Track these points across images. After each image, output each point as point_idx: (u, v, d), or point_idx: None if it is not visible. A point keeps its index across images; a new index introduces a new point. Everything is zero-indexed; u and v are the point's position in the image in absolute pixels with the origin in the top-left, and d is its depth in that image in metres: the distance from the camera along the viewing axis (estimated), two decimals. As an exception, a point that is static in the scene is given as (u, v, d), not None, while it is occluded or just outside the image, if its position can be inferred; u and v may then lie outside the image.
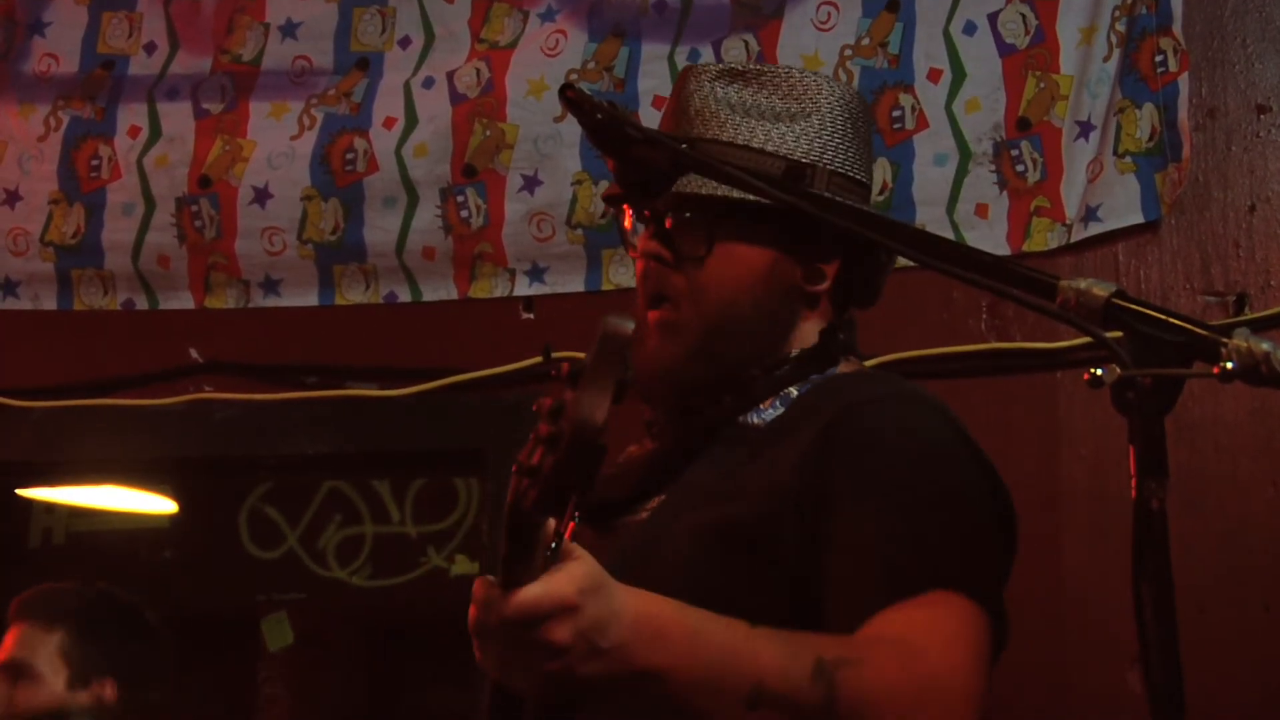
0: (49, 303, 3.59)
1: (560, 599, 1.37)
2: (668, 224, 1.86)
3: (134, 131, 3.58)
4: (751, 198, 1.75)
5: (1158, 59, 3.04)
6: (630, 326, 1.32)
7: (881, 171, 3.13)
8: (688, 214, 1.84)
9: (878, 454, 1.68)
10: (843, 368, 1.87)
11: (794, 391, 1.83)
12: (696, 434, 1.84)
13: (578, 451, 1.30)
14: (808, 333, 1.87)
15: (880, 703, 1.51)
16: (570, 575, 1.38)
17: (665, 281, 1.87)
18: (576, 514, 1.36)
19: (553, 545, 1.38)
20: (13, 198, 3.61)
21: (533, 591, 1.37)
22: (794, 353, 1.84)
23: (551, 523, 1.38)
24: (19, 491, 4.16)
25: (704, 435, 1.84)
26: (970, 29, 3.18)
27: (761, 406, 1.83)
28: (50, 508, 5.59)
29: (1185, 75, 3.03)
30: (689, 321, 1.85)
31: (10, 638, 3.01)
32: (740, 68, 1.90)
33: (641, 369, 1.79)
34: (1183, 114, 3.02)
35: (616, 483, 1.87)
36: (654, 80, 3.33)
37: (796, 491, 1.68)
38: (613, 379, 1.32)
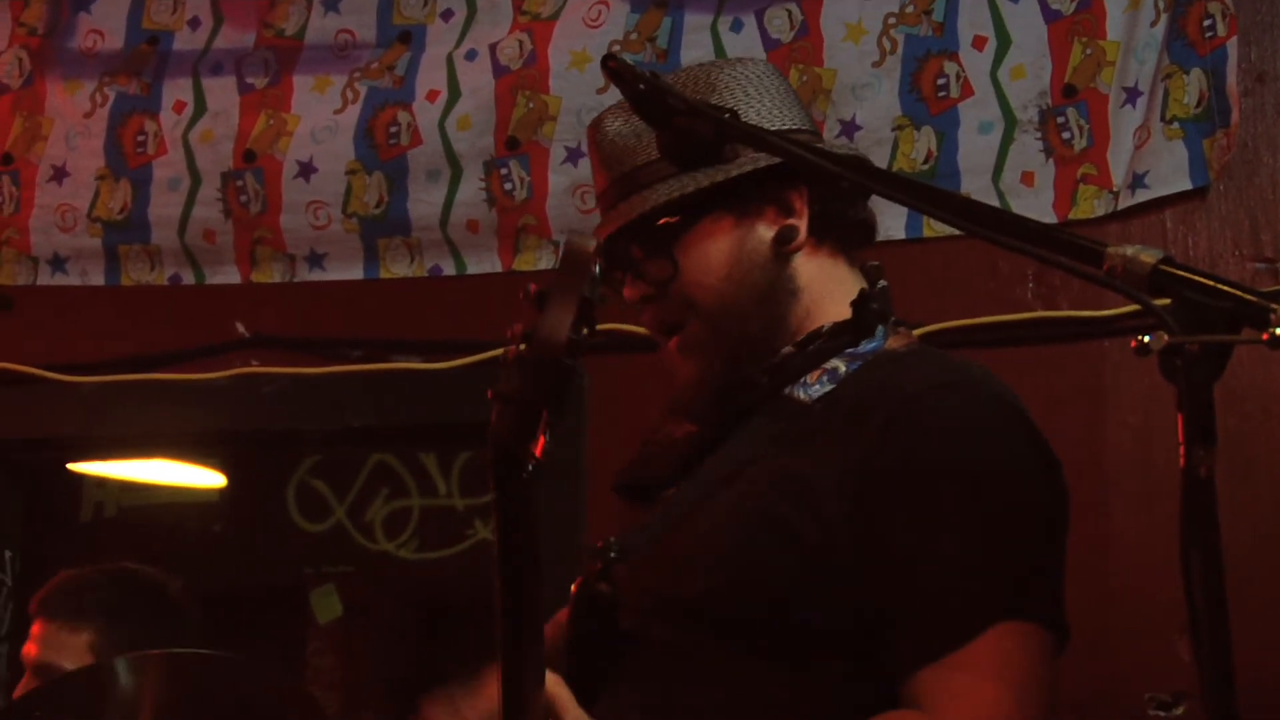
0: (97, 278, 3.62)
1: None
2: (635, 263, 1.89)
3: (179, 107, 3.60)
4: (662, 202, 1.80)
5: (1205, 23, 3.01)
6: (593, 244, 1.33)
7: (926, 140, 3.11)
8: (634, 247, 1.87)
9: (938, 463, 1.66)
10: (892, 342, 1.84)
11: (842, 367, 1.81)
12: (739, 412, 1.84)
13: (542, 370, 1.32)
14: (822, 293, 1.85)
15: None
16: None
17: (662, 313, 1.90)
18: (546, 432, 1.43)
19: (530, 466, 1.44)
20: (60, 174, 3.64)
21: None
22: (825, 326, 1.83)
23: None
24: (70, 466, 4.19)
25: (746, 413, 1.84)
26: (1015, -5, 3.16)
27: (808, 380, 1.81)
28: (101, 482, 5.64)
29: (1234, 39, 3.00)
30: (698, 333, 1.87)
31: (36, 636, 2.96)
32: (618, 104, 1.94)
33: (684, 394, 1.88)
34: (1231, 79, 2.99)
35: (658, 461, 1.87)
36: (697, 51, 3.32)
37: (853, 490, 1.67)
38: (576, 297, 1.33)
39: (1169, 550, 1.30)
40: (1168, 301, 1.32)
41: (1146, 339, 1.28)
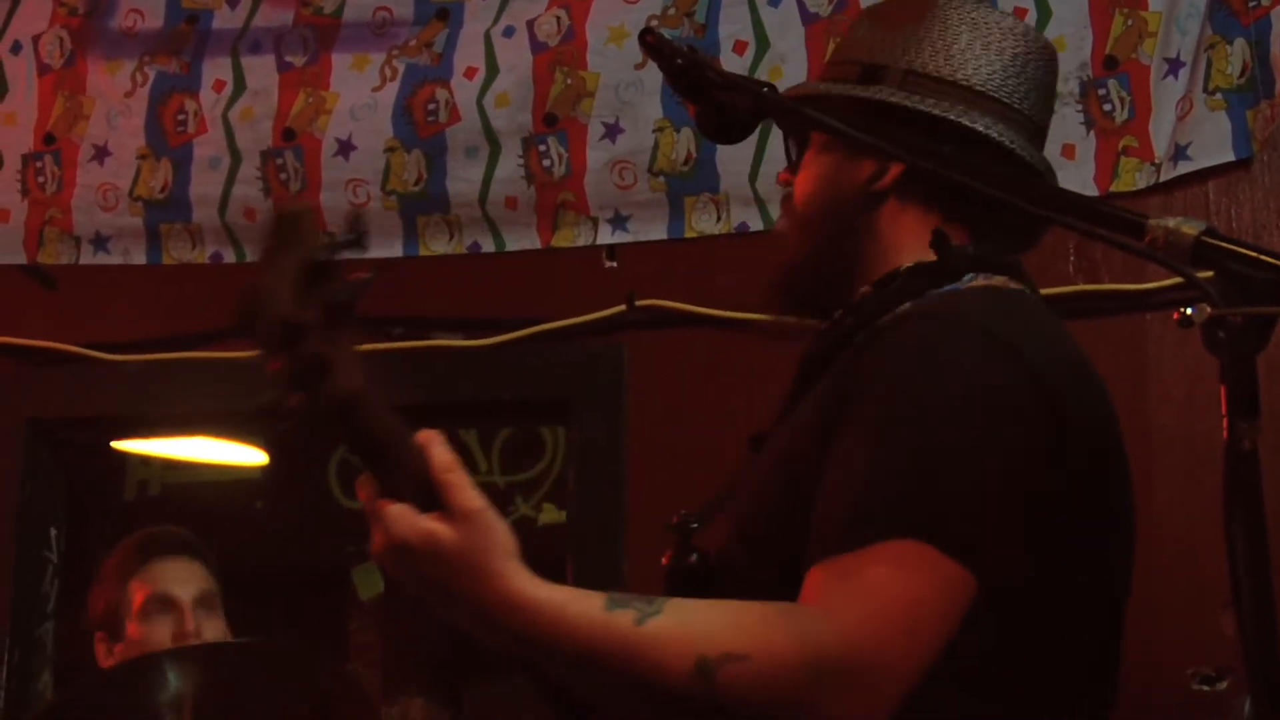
0: (139, 257, 3.64)
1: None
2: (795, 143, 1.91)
3: (219, 85, 3.61)
4: (798, 96, 1.81)
5: (1249, -7, 2.99)
6: (302, 209, 1.41)
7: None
8: (791, 133, 1.90)
9: (882, 377, 1.59)
10: (975, 284, 1.75)
11: (909, 308, 1.74)
12: (822, 354, 1.79)
13: (264, 332, 1.40)
14: (900, 241, 1.79)
15: (770, 698, 1.45)
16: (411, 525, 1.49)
17: (786, 195, 1.91)
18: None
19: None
20: (102, 153, 3.65)
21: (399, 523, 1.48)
22: (904, 267, 1.77)
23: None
24: (114, 445, 4.22)
25: (831, 356, 1.77)
26: (1056, -33, 3.14)
27: (879, 322, 1.74)
28: (145, 460, 5.68)
29: (1278, 9, 2.97)
30: (787, 232, 1.88)
31: (187, 574, 3.09)
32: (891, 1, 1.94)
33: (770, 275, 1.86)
34: (1275, 48, 2.97)
35: (771, 411, 1.86)
36: (735, 26, 3.31)
37: (820, 422, 1.63)
38: (293, 258, 1.40)
39: (1213, 524, 1.29)
40: (1210, 274, 1.31)
41: (1189, 311, 1.27)
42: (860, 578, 1.50)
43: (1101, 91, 3.09)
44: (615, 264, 3.37)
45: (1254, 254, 1.30)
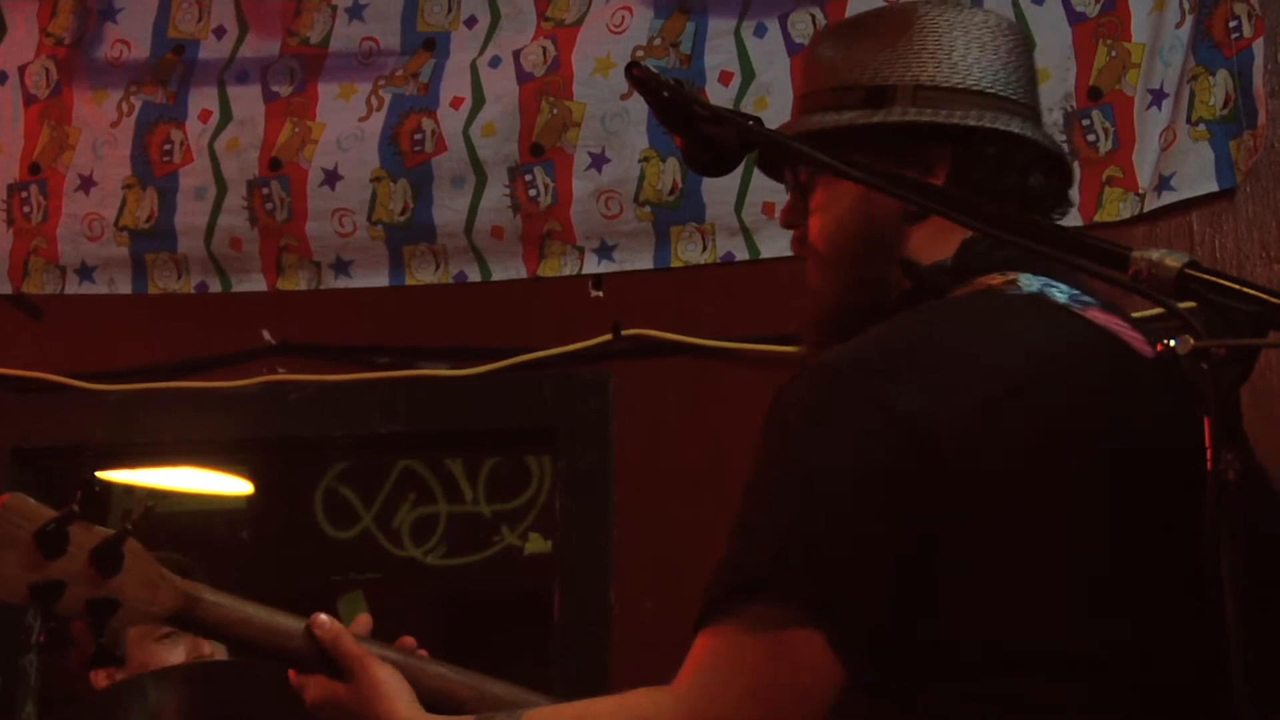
0: (124, 286, 3.63)
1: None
2: (788, 184, 1.86)
3: (205, 115, 3.61)
4: (805, 131, 1.76)
5: (1231, 24, 3.00)
6: (17, 495, 1.68)
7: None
8: (789, 169, 1.85)
9: (758, 446, 1.59)
10: (959, 292, 1.72)
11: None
12: None
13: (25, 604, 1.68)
14: (940, 250, 1.74)
15: None
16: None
17: (796, 241, 1.86)
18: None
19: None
20: (87, 183, 3.65)
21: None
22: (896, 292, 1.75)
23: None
24: (98, 474, 4.21)
25: None
26: (1040, -2, 3.16)
27: None
28: (129, 489, 5.66)
29: (1260, 40, 2.99)
30: (810, 271, 1.83)
31: None
32: (853, 19, 1.92)
33: (805, 322, 1.83)
34: (1258, 80, 2.98)
35: None
36: (721, 56, 3.32)
37: None
38: (22, 540, 1.66)
39: (1197, 554, 1.29)
40: (1194, 305, 1.31)
41: (1172, 343, 1.27)
42: (706, 649, 1.52)
43: (1085, 122, 3.10)
44: (601, 293, 3.38)
45: (1237, 286, 1.30)
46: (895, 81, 1.77)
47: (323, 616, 1.86)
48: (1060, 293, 1.70)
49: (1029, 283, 1.70)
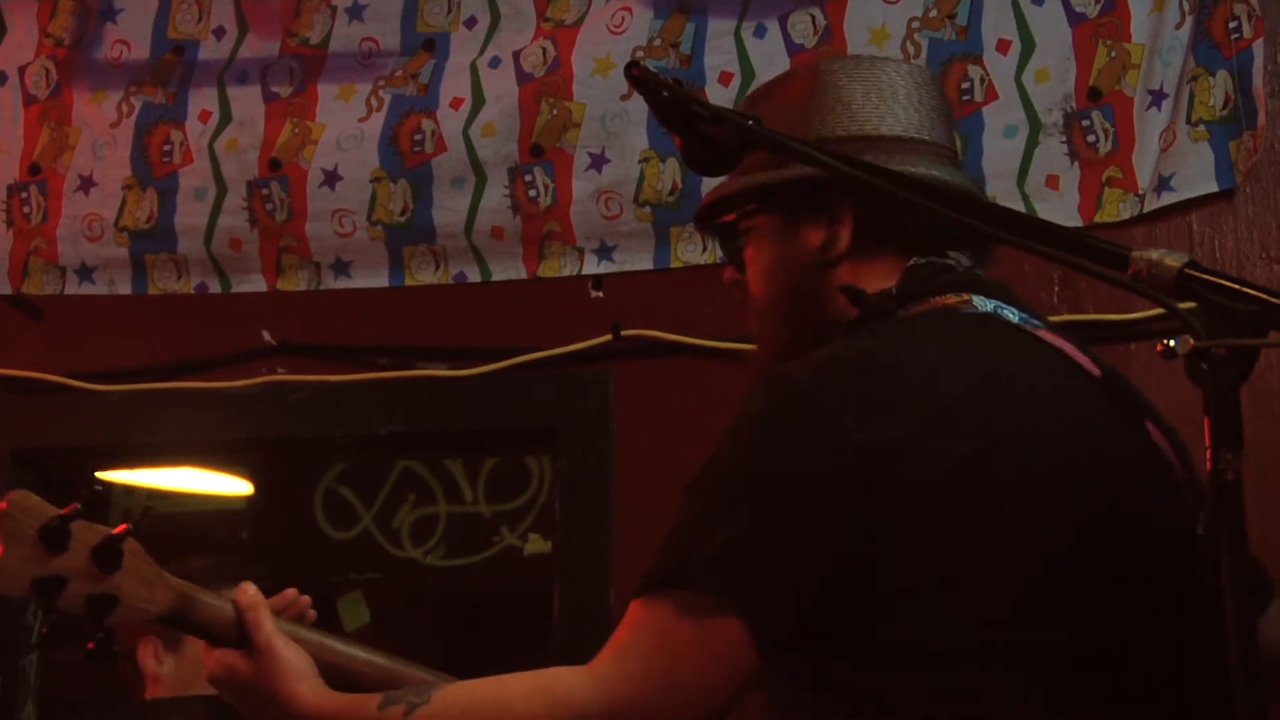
0: (124, 287, 3.63)
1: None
2: (725, 249, 1.94)
3: (205, 116, 3.61)
4: (716, 198, 1.85)
5: (1231, 25, 3.01)
6: (23, 493, 1.71)
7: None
8: (722, 239, 1.93)
9: (716, 444, 1.67)
10: (907, 312, 1.78)
11: None
12: None
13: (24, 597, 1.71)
14: (874, 284, 1.80)
15: None
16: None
17: (741, 289, 1.92)
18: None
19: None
20: (87, 184, 3.65)
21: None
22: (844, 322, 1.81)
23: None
24: (99, 474, 4.21)
25: None
26: (1039, -1, 3.16)
27: None
28: (129, 490, 5.66)
29: (1260, 41, 2.99)
30: (753, 327, 1.90)
31: None
32: (764, 88, 1.96)
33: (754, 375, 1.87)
34: (1258, 81, 2.98)
35: None
36: (721, 56, 3.32)
37: None
38: (28, 533, 1.68)
39: (1197, 554, 1.29)
40: (1194, 305, 1.31)
41: (1172, 343, 1.27)
42: (628, 631, 1.58)
43: (1085, 123, 3.10)
44: (601, 294, 3.38)
45: (1236, 286, 1.31)
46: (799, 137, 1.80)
47: (248, 585, 1.86)
48: (1012, 314, 1.78)
49: (982, 303, 1.77)
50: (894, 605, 1.56)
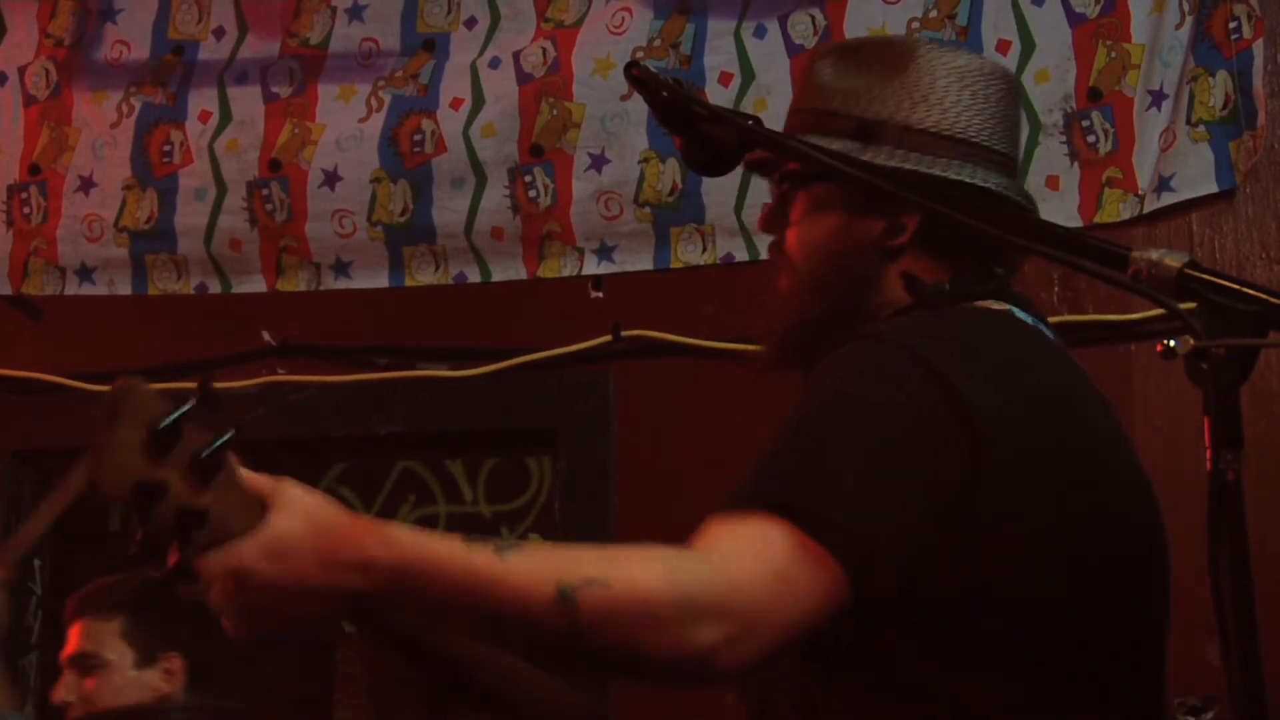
0: (124, 287, 3.63)
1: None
2: (775, 193, 1.91)
3: (205, 116, 3.61)
4: (797, 147, 1.77)
5: (1231, 25, 3.01)
6: (139, 381, 1.44)
7: (951, 144, 3.11)
8: (783, 183, 1.89)
9: (806, 385, 1.66)
10: (976, 306, 1.80)
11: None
12: None
13: (120, 500, 1.42)
14: (900, 290, 1.81)
15: (633, 624, 1.45)
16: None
17: (774, 250, 1.91)
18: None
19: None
20: (87, 184, 3.65)
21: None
22: (889, 311, 1.81)
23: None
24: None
25: None
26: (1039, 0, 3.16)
27: None
28: (128, 490, 5.64)
29: (1260, 41, 2.99)
30: (787, 287, 1.88)
31: (73, 635, 3.09)
32: (855, 43, 1.94)
33: (763, 340, 1.88)
34: (1258, 81, 2.98)
35: None
36: (720, 56, 3.32)
37: None
38: (136, 428, 1.43)
39: (1198, 554, 1.29)
40: (1194, 305, 1.31)
41: (1172, 343, 1.27)
42: (739, 535, 1.52)
43: (1085, 123, 3.10)
44: (601, 294, 3.38)
45: (1236, 286, 1.31)
46: (886, 119, 1.81)
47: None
48: (1045, 328, 1.81)
49: (1022, 315, 1.78)
50: (976, 581, 1.57)
